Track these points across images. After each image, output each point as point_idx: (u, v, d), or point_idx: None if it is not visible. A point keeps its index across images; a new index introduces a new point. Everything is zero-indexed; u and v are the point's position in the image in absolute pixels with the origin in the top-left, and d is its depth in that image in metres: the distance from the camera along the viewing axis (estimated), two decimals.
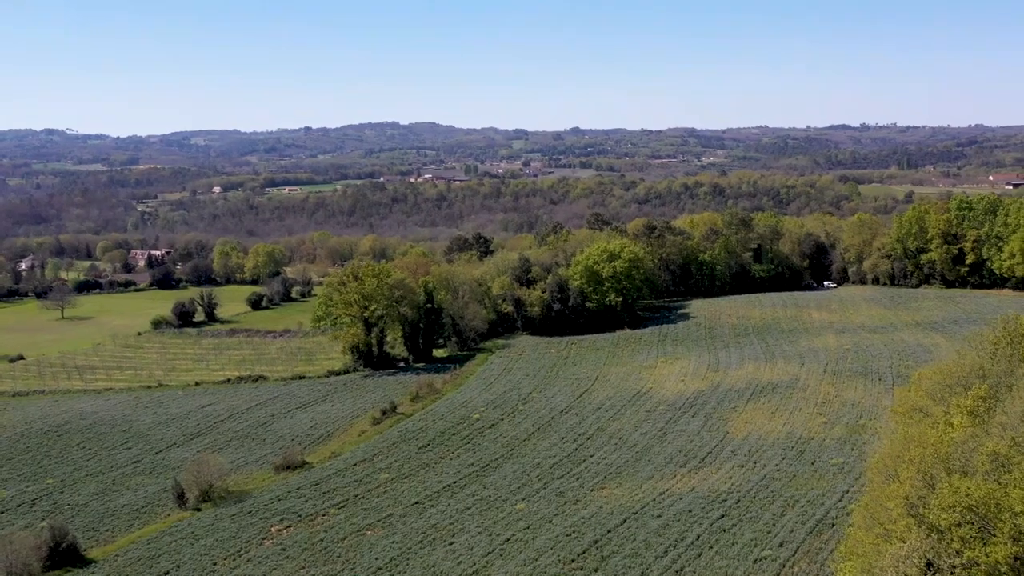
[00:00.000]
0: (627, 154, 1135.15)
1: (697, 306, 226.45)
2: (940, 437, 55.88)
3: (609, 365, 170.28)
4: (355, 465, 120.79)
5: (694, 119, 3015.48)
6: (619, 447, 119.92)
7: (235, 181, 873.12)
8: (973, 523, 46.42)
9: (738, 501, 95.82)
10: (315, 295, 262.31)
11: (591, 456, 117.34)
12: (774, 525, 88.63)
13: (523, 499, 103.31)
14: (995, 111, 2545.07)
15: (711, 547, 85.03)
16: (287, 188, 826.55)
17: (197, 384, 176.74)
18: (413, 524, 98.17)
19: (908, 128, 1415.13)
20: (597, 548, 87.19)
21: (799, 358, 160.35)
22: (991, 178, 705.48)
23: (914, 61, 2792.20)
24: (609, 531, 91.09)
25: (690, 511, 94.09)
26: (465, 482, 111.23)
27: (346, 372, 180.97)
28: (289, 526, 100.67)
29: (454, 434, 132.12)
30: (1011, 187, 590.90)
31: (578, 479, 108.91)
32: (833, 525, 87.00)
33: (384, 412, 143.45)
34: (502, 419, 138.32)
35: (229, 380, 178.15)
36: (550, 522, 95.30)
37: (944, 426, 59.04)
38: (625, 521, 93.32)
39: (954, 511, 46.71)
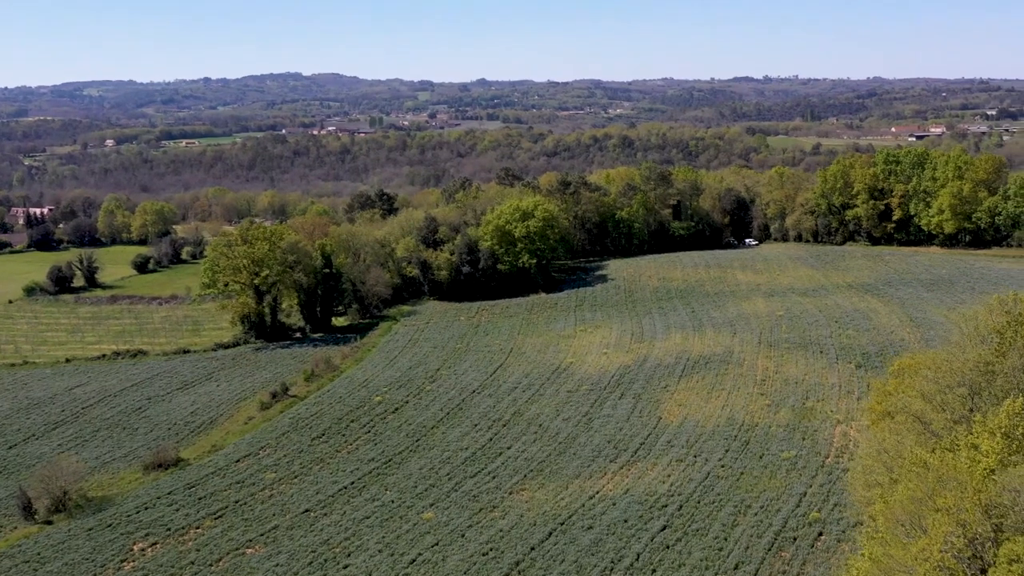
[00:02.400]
0: (534, 106, 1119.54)
1: (615, 267, 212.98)
2: (972, 471, 42.81)
3: (524, 335, 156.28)
4: (238, 462, 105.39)
5: (600, 71, 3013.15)
6: (539, 437, 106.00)
7: (129, 134, 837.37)
8: None
9: (680, 507, 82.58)
10: (207, 256, 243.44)
11: (508, 448, 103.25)
12: (726, 539, 75.75)
13: (431, 505, 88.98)
14: (892, 64, 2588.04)
15: (654, 570, 71.81)
16: (184, 141, 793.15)
17: (68, 361, 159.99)
18: (302, 539, 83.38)
19: (809, 80, 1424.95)
20: (519, 573, 73.49)
21: (729, 326, 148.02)
22: (893, 130, 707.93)
23: (813, 13, 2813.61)
24: (533, 548, 77.34)
25: (626, 521, 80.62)
26: (364, 482, 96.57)
27: (236, 345, 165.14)
28: (155, 543, 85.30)
29: (353, 421, 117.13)
30: (914, 139, 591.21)
31: (494, 478, 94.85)
32: (795, 539, 74.52)
33: (274, 395, 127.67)
34: (407, 401, 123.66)
35: (104, 356, 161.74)
36: (463, 536, 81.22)
37: (968, 450, 46.10)
38: (551, 535, 79.63)
39: None
